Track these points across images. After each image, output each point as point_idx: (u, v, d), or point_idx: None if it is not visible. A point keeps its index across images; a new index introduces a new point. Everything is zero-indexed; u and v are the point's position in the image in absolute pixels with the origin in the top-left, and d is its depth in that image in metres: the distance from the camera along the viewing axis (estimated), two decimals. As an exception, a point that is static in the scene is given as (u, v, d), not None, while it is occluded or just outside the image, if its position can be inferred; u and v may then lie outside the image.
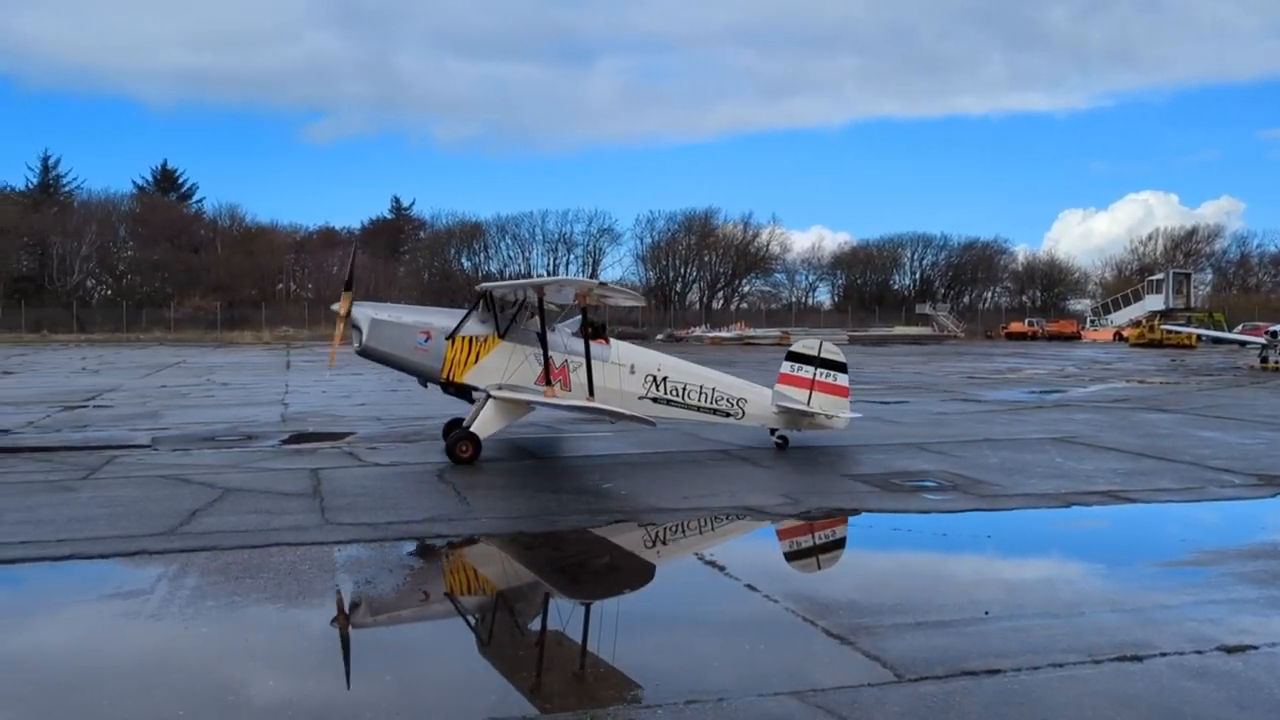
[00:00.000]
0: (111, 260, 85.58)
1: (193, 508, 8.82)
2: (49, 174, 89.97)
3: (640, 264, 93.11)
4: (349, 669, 5.03)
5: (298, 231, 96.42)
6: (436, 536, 7.95)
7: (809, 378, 13.14)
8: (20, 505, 8.95)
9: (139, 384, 25.38)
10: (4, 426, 15.45)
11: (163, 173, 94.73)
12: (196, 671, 4.92)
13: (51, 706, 4.40)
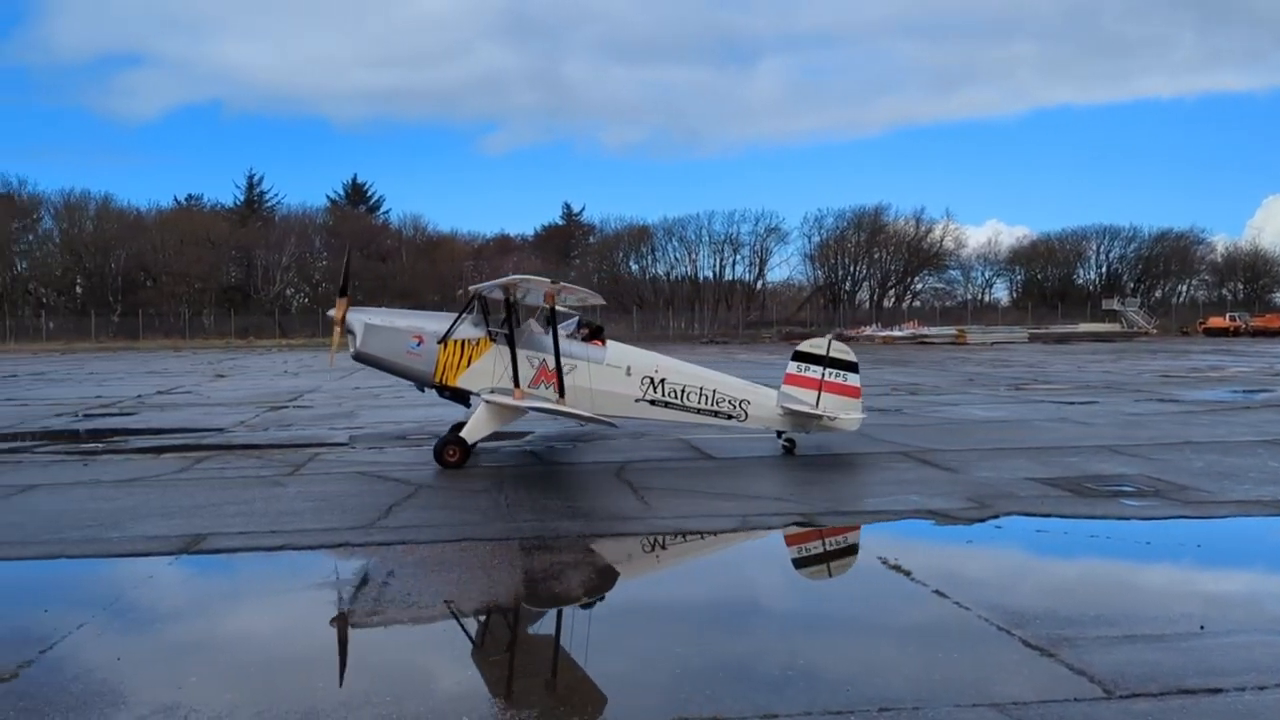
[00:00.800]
0: (308, 269, 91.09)
1: (389, 503, 9.24)
2: (253, 191, 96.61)
3: (808, 263, 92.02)
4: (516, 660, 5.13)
5: (475, 239, 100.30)
6: (619, 535, 8.04)
7: (817, 378, 12.61)
8: (237, 499, 9.60)
9: (335, 385, 26.84)
10: (220, 425, 16.63)
11: (353, 187, 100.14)
12: (396, 659, 5.13)
13: (266, 687, 4.66)
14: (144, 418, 18.45)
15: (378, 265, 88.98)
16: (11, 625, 5.69)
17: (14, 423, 17.71)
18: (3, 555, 7.44)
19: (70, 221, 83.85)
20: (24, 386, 28.34)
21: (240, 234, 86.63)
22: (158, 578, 6.89)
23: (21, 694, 4.52)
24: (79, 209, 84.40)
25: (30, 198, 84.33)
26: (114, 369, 38.51)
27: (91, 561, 7.31)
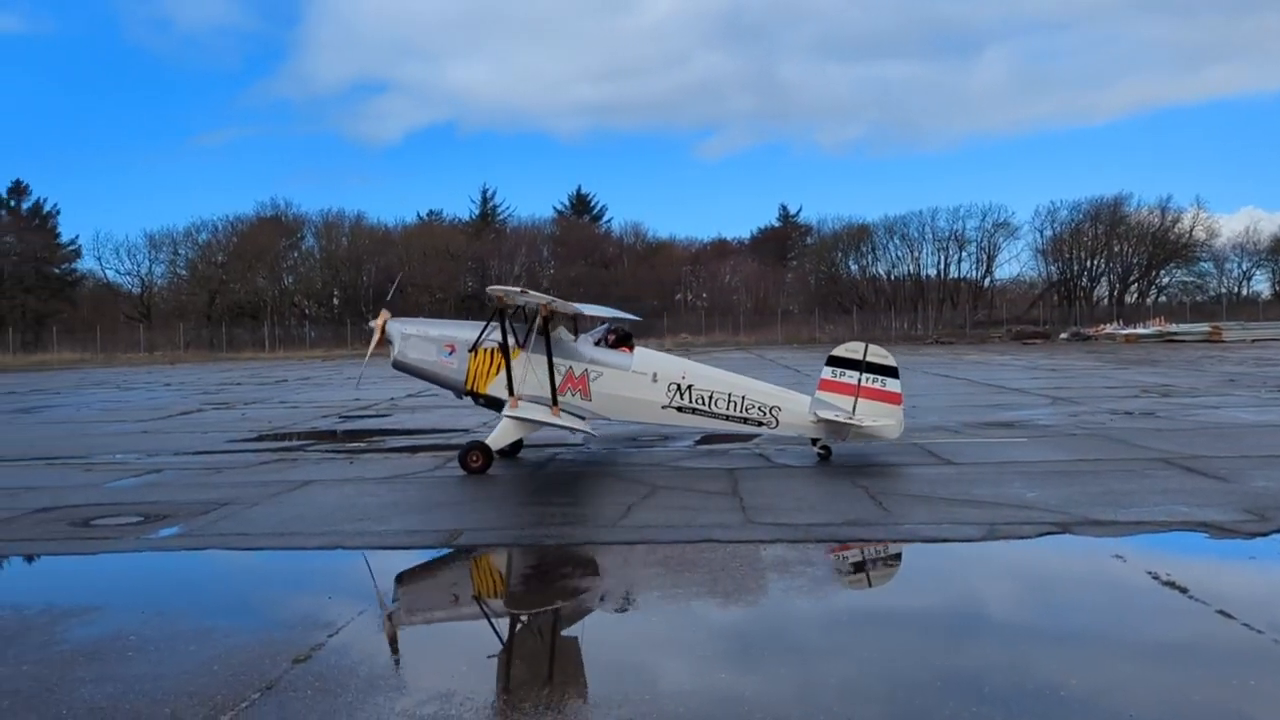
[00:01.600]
0: (537, 278, 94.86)
1: (628, 502, 9.42)
2: (487, 204, 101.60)
3: (1040, 258, 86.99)
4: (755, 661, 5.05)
5: (693, 244, 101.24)
6: (858, 541, 7.84)
7: (853, 383, 12.03)
8: (486, 494, 10.07)
9: (565, 388, 27.78)
10: (465, 426, 17.54)
11: (577, 197, 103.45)
12: (647, 657, 5.19)
13: (530, 677, 4.81)
14: (397, 419, 19.74)
15: (600, 272, 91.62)
16: (302, 610, 6.19)
17: (287, 423, 19.40)
18: (291, 545, 8.13)
19: (328, 239, 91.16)
20: (293, 390, 31.01)
21: (475, 246, 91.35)
22: (423, 569, 7.32)
23: (316, 674, 4.89)
24: (336, 227, 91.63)
25: (295, 218, 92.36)
26: (368, 374, 41.43)
27: (364, 553, 7.85)
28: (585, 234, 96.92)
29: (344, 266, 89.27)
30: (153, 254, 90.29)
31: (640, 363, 12.39)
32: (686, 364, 12.76)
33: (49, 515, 9.61)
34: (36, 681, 4.87)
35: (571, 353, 12.36)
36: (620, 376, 12.26)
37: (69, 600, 6.56)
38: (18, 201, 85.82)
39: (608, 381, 12.23)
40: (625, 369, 12.30)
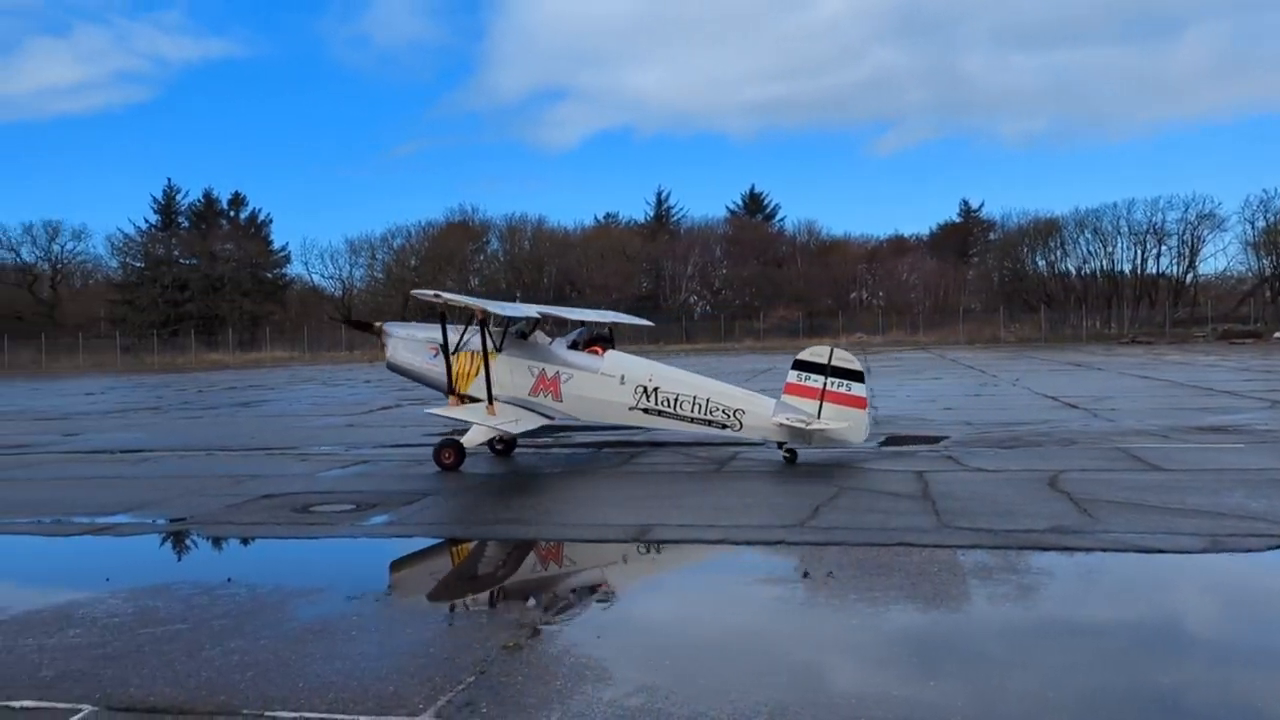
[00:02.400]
0: (710, 278, 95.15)
1: (815, 503, 9.28)
2: (661, 206, 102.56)
3: (1250, 252, 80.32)
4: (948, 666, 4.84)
5: (868, 241, 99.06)
6: (1063, 548, 7.43)
7: (818, 387, 11.90)
8: (674, 492, 10.15)
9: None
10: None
11: (750, 197, 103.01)
12: (850, 658, 5.08)
13: (732, 675, 4.79)
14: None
15: (773, 271, 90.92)
16: (510, 598, 6.40)
17: (478, 419, 20.12)
18: (493, 535, 8.43)
19: (512, 242, 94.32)
20: (480, 387, 32.24)
21: (650, 247, 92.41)
22: (619, 562, 7.44)
23: (526, 661, 5.04)
24: (519, 230, 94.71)
25: (481, 223, 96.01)
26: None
27: (559, 543, 8.06)
28: (758, 233, 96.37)
29: (526, 268, 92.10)
30: (353, 259, 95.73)
31: (609, 365, 12.67)
32: (655, 367, 12.90)
33: (272, 501, 10.33)
34: (273, 655, 5.22)
35: (546, 355, 12.88)
36: (589, 378, 12.59)
37: (296, 581, 7.02)
38: (237, 212, 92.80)
39: (578, 383, 12.61)
40: (595, 371, 12.62)
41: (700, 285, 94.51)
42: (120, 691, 4.71)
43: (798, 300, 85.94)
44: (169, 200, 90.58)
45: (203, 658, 5.20)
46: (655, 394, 12.42)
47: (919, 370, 34.96)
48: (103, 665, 5.11)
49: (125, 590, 6.75)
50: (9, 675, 4.97)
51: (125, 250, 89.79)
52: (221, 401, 29.23)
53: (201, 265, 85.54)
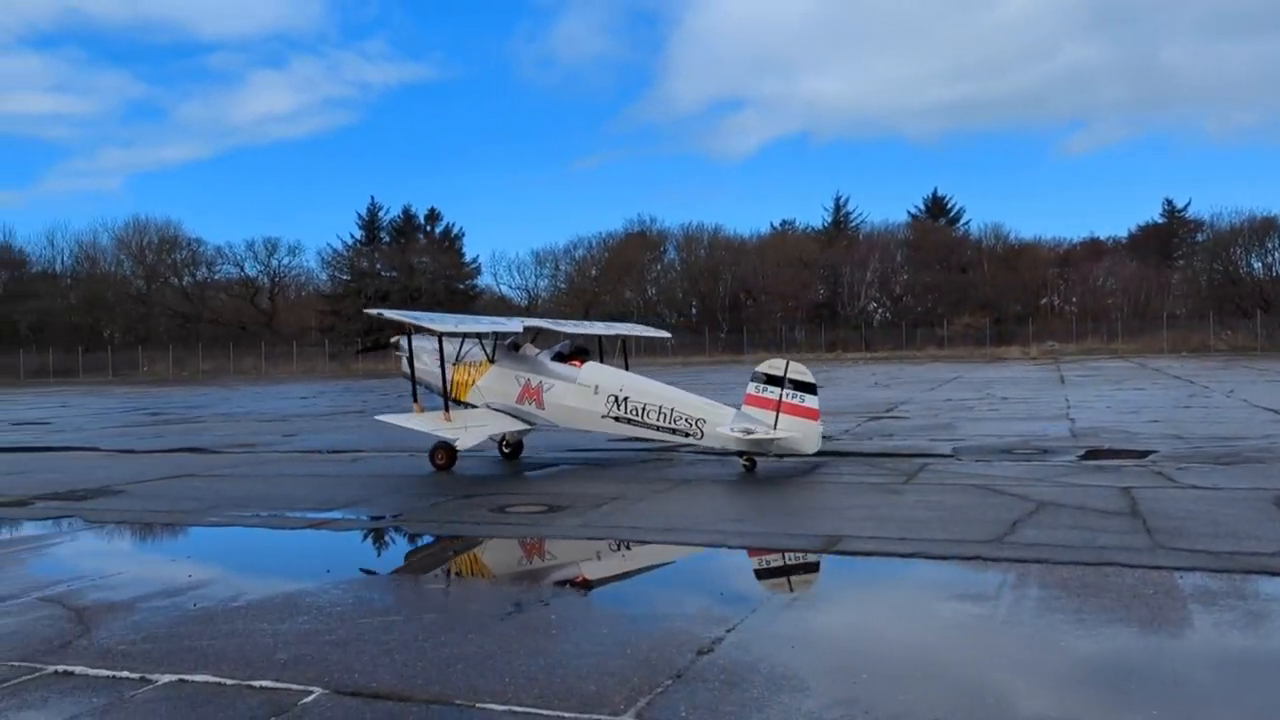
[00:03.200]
0: (890, 285, 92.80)
1: (1012, 518, 8.89)
2: (839, 212, 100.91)
3: None
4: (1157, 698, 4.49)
5: (1060, 244, 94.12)
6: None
7: (775, 399, 12.11)
8: (860, 503, 9.95)
9: (925, 397, 26.85)
10: (826, 433, 17.49)
11: (933, 200, 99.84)
12: (1057, 683, 4.83)
13: (936, 693, 4.64)
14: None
15: (958, 276, 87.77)
16: (697, 603, 6.44)
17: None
18: (677, 539, 8.51)
19: (688, 251, 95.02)
20: (660, 394, 32.57)
21: (828, 254, 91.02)
22: (808, 573, 7.35)
23: (721, 668, 5.05)
24: (695, 239, 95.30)
25: (659, 233, 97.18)
26: (725, 380, 42.58)
27: (747, 552, 8.04)
28: (941, 237, 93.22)
29: (703, 277, 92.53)
30: (538, 270, 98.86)
31: (585, 376, 13.38)
32: (627, 378, 13.47)
33: (471, 501, 10.78)
34: (480, 649, 5.44)
35: (532, 366, 13.81)
36: (568, 388, 13.34)
37: (498, 577, 7.30)
38: (432, 226, 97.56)
39: (557, 392, 13.40)
40: (572, 381, 13.36)
41: (880, 292, 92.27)
42: (346, 677, 5.02)
43: (984, 307, 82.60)
44: (372, 217, 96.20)
45: (417, 648, 5.48)
46: (625, 403, 13.01)
47: (1120, 380, 32.92)
48: (329, 651, 5.46)
49: (345, 581, 7.21)
50: (248, 657, 5.38)
51: (333, 264, 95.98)
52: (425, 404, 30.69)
53: (400, 277, 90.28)
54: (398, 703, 4.65)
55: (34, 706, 4.70)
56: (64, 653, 5.53)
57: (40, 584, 7.40)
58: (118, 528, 10.12)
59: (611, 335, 16.63)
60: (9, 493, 12.37)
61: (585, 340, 15.04)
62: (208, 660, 5.33)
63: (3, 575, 7.74)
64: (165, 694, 4.84)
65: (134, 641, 5.73)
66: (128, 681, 5.02)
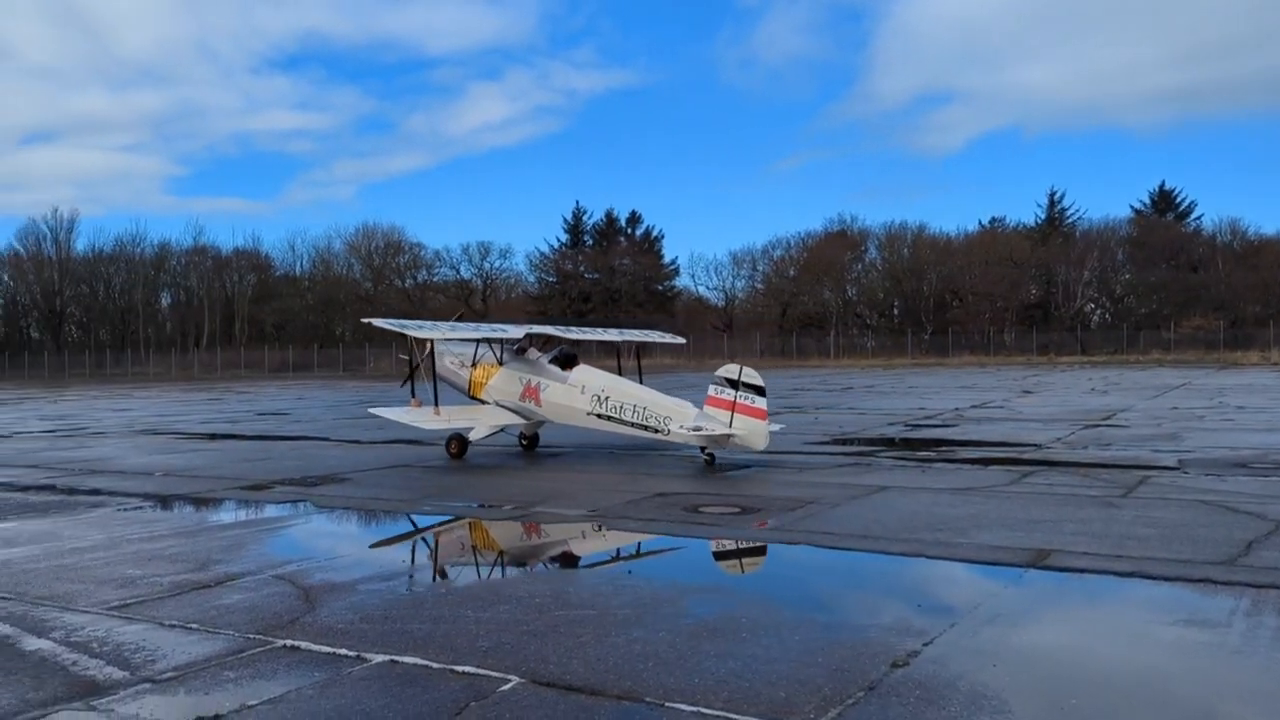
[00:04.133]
0: (1110, 284, 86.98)
1: (1246, 539, 8.10)
2: (1054, 208, 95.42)
3: None
4: None
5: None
6: None
7: (730, 400, 13.12)
8: (1072, 517, 9.33)
9: (1148, 405, 24.97)
10: (1035, 441, 16.55)
11: (1160, 194, 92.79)
12: (1303, 727, 4.35)
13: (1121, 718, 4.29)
14: (963, 430, 19.24)
15: (1187, 276, 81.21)
16: (893, 614, 6.22)
17: (857, 429, 19.91)
18: (873, 548, 8.26)
19: (890, 250, 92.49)
20: (859, 397, 31.85)
21: (1040, 252, 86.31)
22: (1014, 588, 6.96)
23: (917, 682, 4.85)
24: (898, 239, 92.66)
25: (859, 232, 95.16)
26: (929, 384, 41.16)
27: (946, 564, 7.70)
28: (1169, 234, 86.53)
29: (905, 277, 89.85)
30: (735, 270, 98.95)
31: (575, 378, 14.81)
32: (609, 380, 14.74)
33: (666, 500, 10.88)
34: (671, 648, 5.47)
35: (533, 369, 15.30)
36: (561, 388, 14.82)
37: (689, 578, 7.33)
38: (633, 229, 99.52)
39: (552, 392, 14.89)
40: (564, 382, 14.84)
41: (1098, 292, 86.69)
42: (541, 667, 5.16)
43: (1217, 308, 76.03)
44: (577, 220, 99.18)
45: (609, 643, 5.57)
46: (606, 402, 14.31)
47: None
48: (527, 641, 5.64)
49: (543, 574, 7.43)
50: (453, 643, 5.63)
51: (540, 266, 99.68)
52: (619, 404, 31.32)
53: (602, 279, 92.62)
54: (589, 696, 4.74)
55: (265, 677, 5.10)
56: (291, 628, 5.98)
57: (275, 563, 8.03)
58: (342, 513, 10.86)
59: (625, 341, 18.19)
60: (253, 477, 13.53)
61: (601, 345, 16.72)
62: (417, 643, 5.61)
63: (244, 553, 8.45)
64: (378, 673, 5.13)
65: (352, 621, 6.12)
66: (345, 659, 5.36)
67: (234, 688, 4.91)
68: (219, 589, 7.05)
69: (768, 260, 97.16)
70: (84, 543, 8.95)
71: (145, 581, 7.30)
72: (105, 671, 5.17)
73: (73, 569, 7.79)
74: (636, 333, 19.87)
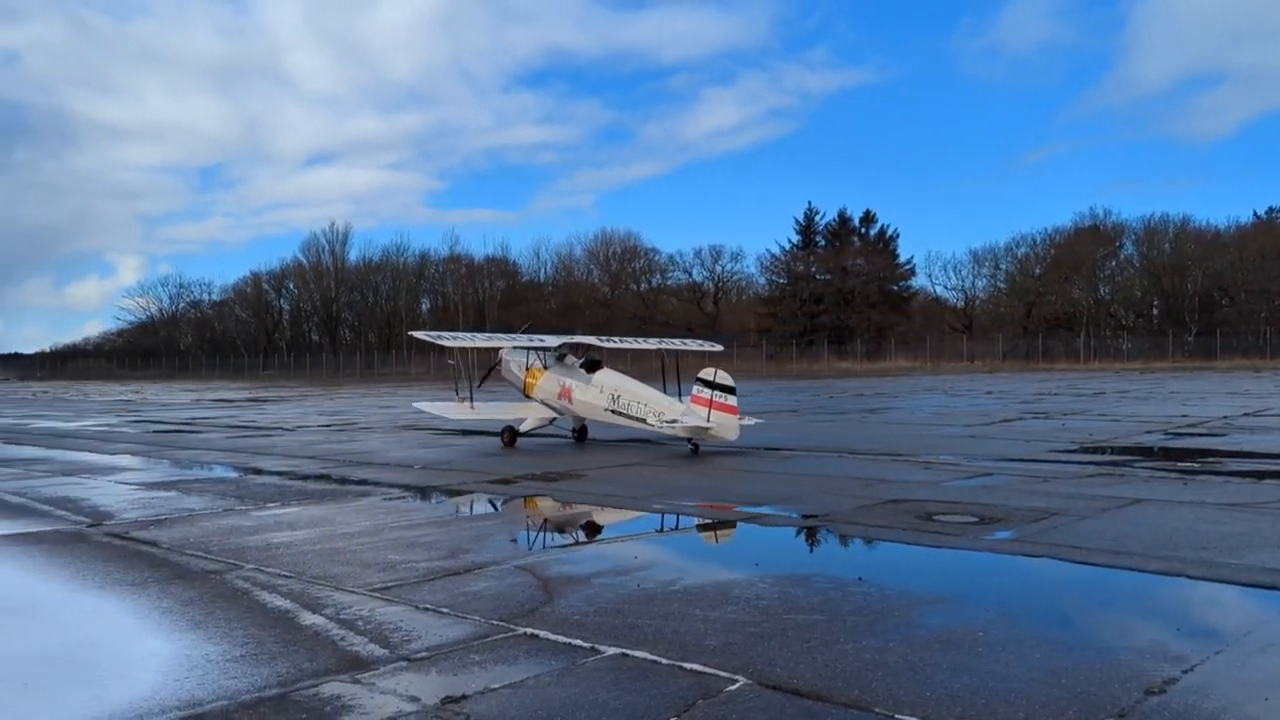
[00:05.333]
0: None
1: None
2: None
3: None
4: None
5: None
6: None
7: (708, 399, 15.50)
8: (1368, 540, 8.24)
9: None
10: (1324, 453, 14.72)
11: None
12: None
13: None
14: (1233, 440, 17.44)
15: None
16: (1146, 637, 5.72)
17: (1109, 437, 18.49)
18: (1126, 565, 7.64)
19: (1149, 245, 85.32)
20: (1112, 403, 29.55)
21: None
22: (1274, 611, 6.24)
23: (1175, 712, 4.43)
24: (1157, 232, 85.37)
25: (1113, 226, 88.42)
26: (1193, 389, 37.66)
27: (1211, 585, 7.00)
28: None
29: (1166, 274, 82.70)
30: (975, 269, 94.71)
31: (597, 380, 17.48)
32: (623, 382, 17.22)
33: (898, 507, 10.54)
34: (901, 659, 5.29)
35: (568, 373, 18.06)
36: (586, 389, 17.56)
37: (922, 588, 7.06)
38: (867, 229, 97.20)
39: (580, 392, 17.65)
40: (588, 383, 17.56)
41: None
42: (769, 670, 5.13)
43: None
44: (808, 221, 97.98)
45: (838, 650, 5.46)
46: (618, 400, 17.01)
47: None
48: (754, 642, 5.62)
49: (771, 576, 7.39)
50: (682, 640, 5.71)
51: (771, 268, 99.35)
52: (851, 407, 30.75)
53: (835, 280, 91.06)
54: (816, 702, 4.66)
55: (506, 662, 5.37)
56: (531, 617, 6.26)
57: (517, 553, 8.46)
58: (579, 508, 11.27)
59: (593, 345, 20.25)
60: (500, 472, 14.31)
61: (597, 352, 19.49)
62: (647, 638, 5.73)
63: (490, 543, 8.95)
64: (610, 665, 5.28)
65: (587, 614, 6.33)
66: (580, 650, 5.56)
67: (479, 670, 5.20)
68: (467, 576, 7.50)
69: (1011, 258, 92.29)
70: (352, 528, 9.79)
71: (403, 566, 7.88)
72: (368, 648, 5.63)
73: (342, 552, 8.53)
74: (675, 341, 22.28)
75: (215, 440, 21.55)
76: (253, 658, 5.45)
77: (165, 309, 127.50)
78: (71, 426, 27.72)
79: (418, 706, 4.67)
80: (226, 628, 6.08)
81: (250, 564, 8.06)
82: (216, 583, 7.39)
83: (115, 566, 8.03)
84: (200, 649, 5.62)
